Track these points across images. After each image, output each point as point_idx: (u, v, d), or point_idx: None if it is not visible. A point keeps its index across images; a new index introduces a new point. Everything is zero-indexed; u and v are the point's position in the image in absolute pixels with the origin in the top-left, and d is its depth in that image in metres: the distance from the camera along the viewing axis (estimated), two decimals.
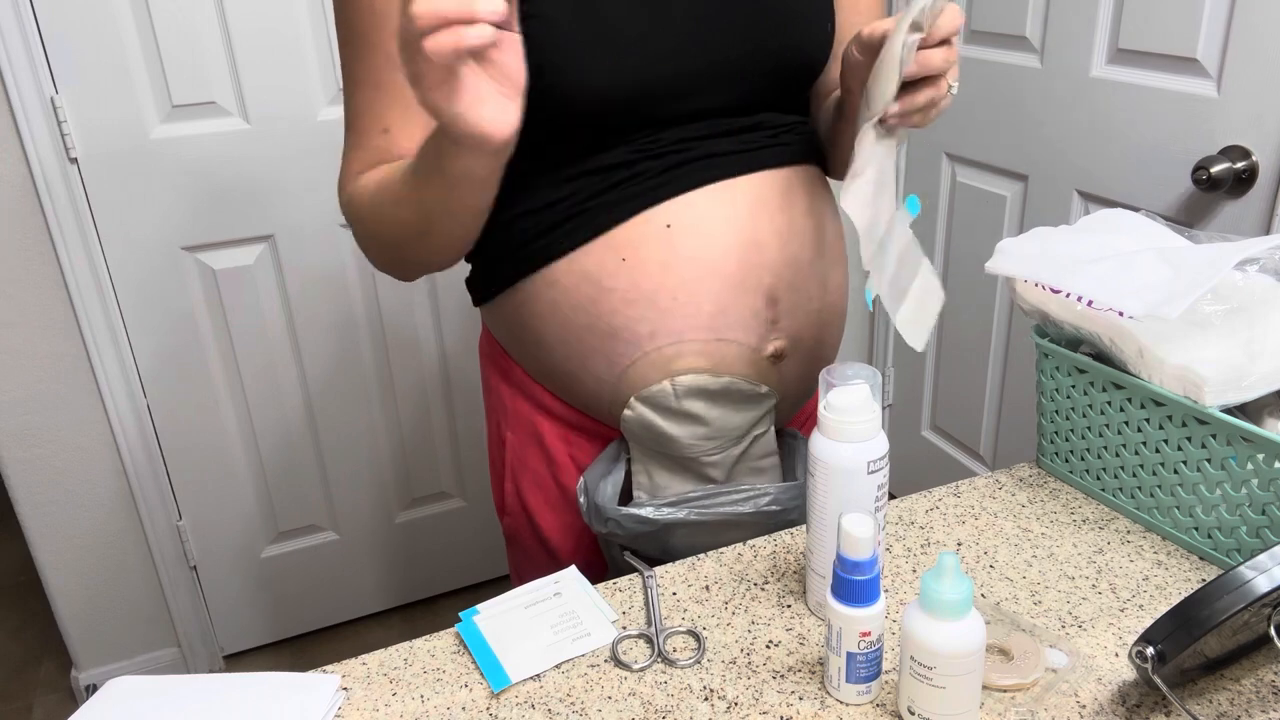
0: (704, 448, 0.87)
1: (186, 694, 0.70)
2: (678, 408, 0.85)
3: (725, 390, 0.85)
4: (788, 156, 0.87)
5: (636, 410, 0.86)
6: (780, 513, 0.88)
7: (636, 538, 0.87)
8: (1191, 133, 1.45)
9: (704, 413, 0.85)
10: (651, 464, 0.89)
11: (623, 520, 0.86)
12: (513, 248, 0.86)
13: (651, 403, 0.85)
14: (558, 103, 0.78)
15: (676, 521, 0.86)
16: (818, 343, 0.90)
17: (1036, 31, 1.70)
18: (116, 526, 1.80)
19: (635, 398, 0.85)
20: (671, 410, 0.85)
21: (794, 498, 0.88)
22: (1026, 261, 0.85)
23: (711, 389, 0.84)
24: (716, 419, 0.86)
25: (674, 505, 0.87)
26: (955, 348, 2.08)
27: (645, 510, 0.86)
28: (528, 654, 0.74)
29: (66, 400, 1.69)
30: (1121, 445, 0.85)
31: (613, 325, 0.83)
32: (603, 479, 0.90)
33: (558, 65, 0.77)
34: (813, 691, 0.69)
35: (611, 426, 0.90)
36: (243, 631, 2.01)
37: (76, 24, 1.52)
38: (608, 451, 0.92)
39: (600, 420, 0.91)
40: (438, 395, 1.99)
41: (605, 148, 0.82)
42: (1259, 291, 0.81)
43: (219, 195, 1.69)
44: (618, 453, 0.92)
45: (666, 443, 0.87)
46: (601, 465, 0.91)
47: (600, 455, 0.92)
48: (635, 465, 0.90)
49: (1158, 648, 0.61)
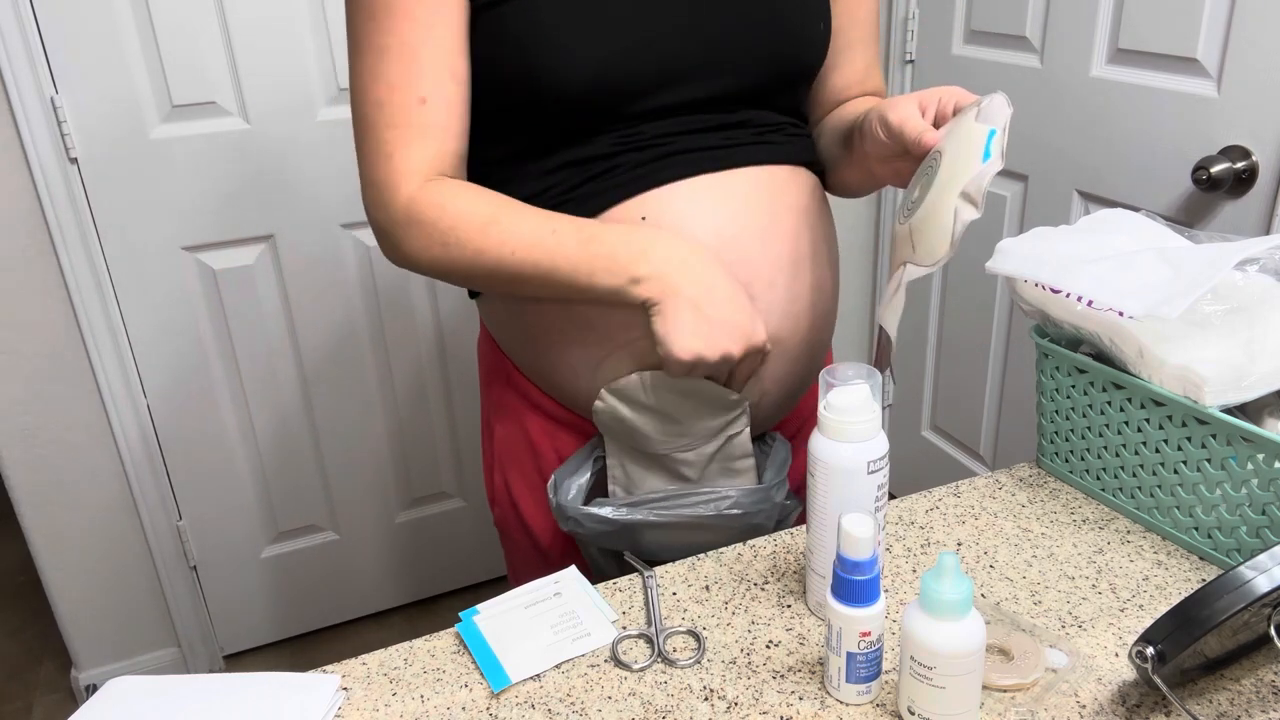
0: (675, 444, 0.87)
1: (186, 694, 0.70)
2: (646, 401, 0.84)
3: (695, 390, 0.83)
4: (773, 156, 0.86)
5: (607, 402, 0.85)
6: (743, 516, 0.86)
7: (599, 536, 0.86)
8: (1191, 133, 1.45)
9: (673, 409, 0.85)
10: (626, 459, 0.89)
11: (583, 519, 0.85)
12: None
13: (621, 395, 0.85)
14: (545, 84, 0.78)
15: (635, 523, 0.85)
16: (800, 344, 0.89)
17: (1036, 31, 1.70)
18: (116, 526, 1.80)
19: (605, 389, 0.85)
20: (641, 404, 0.85)
21: (757, 501, 0.86)
22: (1026, 261, 0.85)
23: (681, 386, 0.83)
24: (687, 416, 0.85)
25: (634, 506, 0.86)
26: (955, 348, 2.08)
27: (604, 510, 0.85)
28: (528, 654, 0.74)
29: (66, 400, 1.69)
30: (1121, 445, 0.85)
31: (588, 317, 0.84)
32: (569, 477, 0.90)
33: (545, 46, 0.78)
34: (813, 691, 0.69)
35: (590, 421, 0.90)
36: (243, 631, 2.01)
37: (76, 24, 1.52)
38: (580, 452, 0.92)
39: (580, 414, 0.91)
40: (438, 395, 1.99)
41: (588, 140, 0.82)
42: (1259, 291, 0.81)
43: (219, 195, 1.69)
44: (590, 451, 0.91)
45: (638, 438, 0.87)
46: (572, 463, 0.91)
47: (575, 453, 0.92)
48: (610, 460, 0.90)
49: (1158, 648, 0.61)
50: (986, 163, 0.70)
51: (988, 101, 0.74)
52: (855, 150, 0.89)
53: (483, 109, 0.84)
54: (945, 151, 0.74)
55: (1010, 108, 0.73)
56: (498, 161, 0.86)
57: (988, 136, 0.71)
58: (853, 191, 0.98)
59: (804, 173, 0.90)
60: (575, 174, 0.83)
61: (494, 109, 0.83)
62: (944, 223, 0.72)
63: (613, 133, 0.82)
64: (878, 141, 0.82)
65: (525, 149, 0.84)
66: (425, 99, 0.80)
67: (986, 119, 0.73)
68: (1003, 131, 0.71)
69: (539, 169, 0.84)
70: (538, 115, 0.81)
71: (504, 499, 0.99)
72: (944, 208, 0.72)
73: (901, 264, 0.77)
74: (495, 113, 0.84)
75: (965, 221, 0.71)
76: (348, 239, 1.80)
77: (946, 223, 0.71)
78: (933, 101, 0.79)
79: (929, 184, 0.74)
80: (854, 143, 0.89)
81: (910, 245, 0.76)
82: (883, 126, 0.80)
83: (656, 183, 0.82)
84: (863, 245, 2.27)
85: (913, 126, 0.77)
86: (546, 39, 0.78)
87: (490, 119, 0.84)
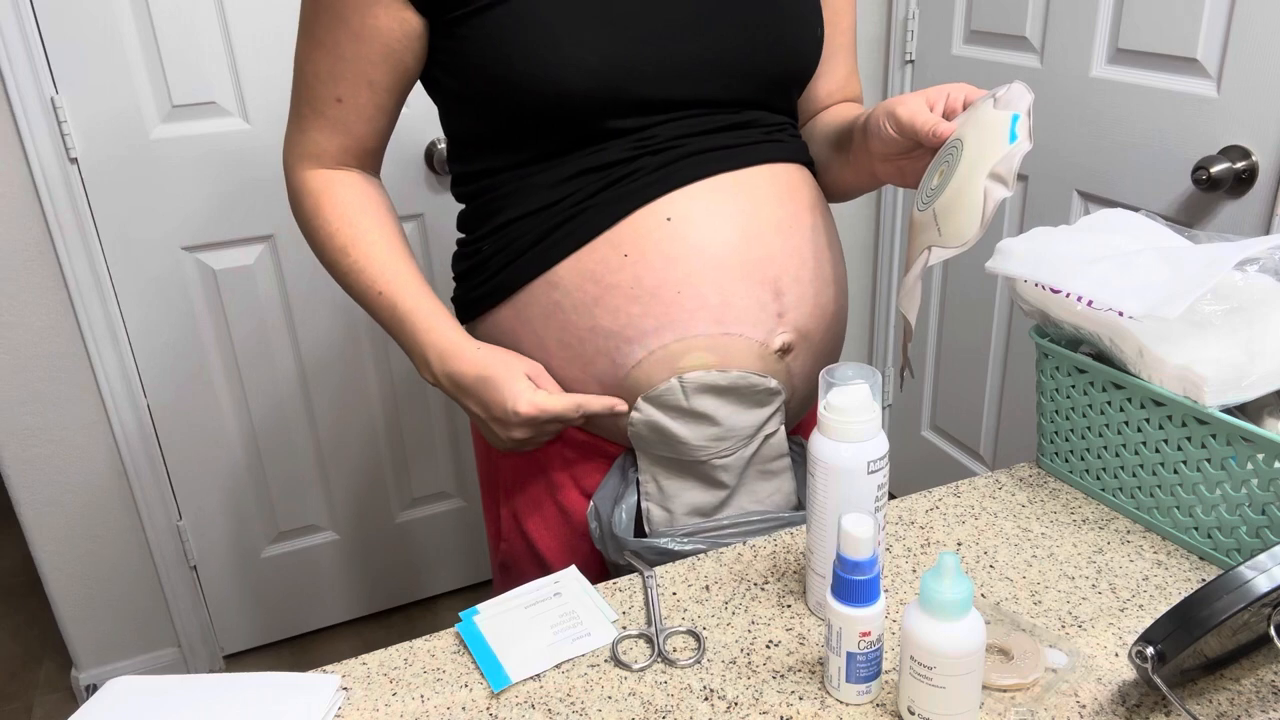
0: (714, 449, 0.86)
1: (186, 694, 0.70)
2: (687, 406, 0.84)
3: (734, 386, 0.83)
4: (783, 153, 0.87)
5: (644, 412, 0.84)
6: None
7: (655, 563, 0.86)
8: (1191, 133, 1.45)
9: (714, 411, 0.84)
10: (659, 470, 0.88)
11: (644, 552, 0.85)
12: (511, 255, 0.86)
13: (659, 403, 0.84)
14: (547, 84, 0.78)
15: (697, 552, 0.86)
16: (824, 338, 0.90)
17: (1036, 31, 1.70)
18: (116, 526, 1.80)
19: (642, 398, 0.84)
20: (680, 409, 0.84)
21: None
22: (1026, 261, 0.85)
23: (720, 384, 0.83)
24: (726, 417, 0.85)
25: (692, 535, 0.87)
26: (955, 348, 2.08)
27: (664, 541, 0.86)
28: (528, 654, 0.74)
29: (66, 400, 1.69)
30: (1121, 445, 0.85)
31: (616, 324, 0.82)
32: (615, 504, 0.88)
33: (547, 46, 0.78)
34: (813, 691, 0.69)
35: (614, 441, 0.89)
36: (243, 631, 2.01)
37: (76, 24, 1.52)
38: (614, 471, 0.90)
39: (602, 434, 0.89)
40: (438, 395, 1.98)
41: (602, 146, 0.82)
42: (1259, 291, 0.81)
43: (219, 195, 1.69)
44: (625, 473, 0.90)
45: (676, 446, 0.86)
46: (610, 487, 0.89)
47: (607, 476, 0.90)
48: (642, 474, 0.88)
49: (1158, 648, 0.61)
50: (1015, 144, 0.70)
51: (1004, 90, 0.75)
52: (854, 151, 0.89)
53: (490, 117, 0.84)
54: (966, 139, 0.74)
55: (1031, 94, 0.73)
56: (510, 170, 0.86)
57: (1012, 120, 0.72)
58: (840, 194, 0.98)
59: (808, 171, 0.90)
60: (593, 180, 0.82)
61: (501, 116, 0.83)
62: (974, 202, 0.72)
63: (626, 138, 0.82)
64: (885, 139, 0.81)
65: (537, 157, 0.84)
66: (341, 99, 0.85)
67: (1006, 106, 0.73)
68: (1026, 114, 0.72)
69: (554, 177, 0.83)
70: (544, 118, 0.81)
71: (512, 533, 0.96)
72: (973, 188, 0.72)
73: (926, 249, 0.76)
74: (503, 120, 0.83)
75: (997, 200, 0.71)
76: None
77: (976, 202, 0.71)
78: (941, 97, 0.79)
79: (951, 170, 0.74)
80: (851, 144, 0.89)
81: (935, 229, 0.75)
82: (891, 123, 0.80)
83: (677, 184, 0.82)
84: (863, 245, 2.27)
85: (924, 120, 0.77)
86: (548, 38, 0.78)
87: (499, 127, 0.84)
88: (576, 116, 0.80)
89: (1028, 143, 0.70)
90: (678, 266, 0.81)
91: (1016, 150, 0.70)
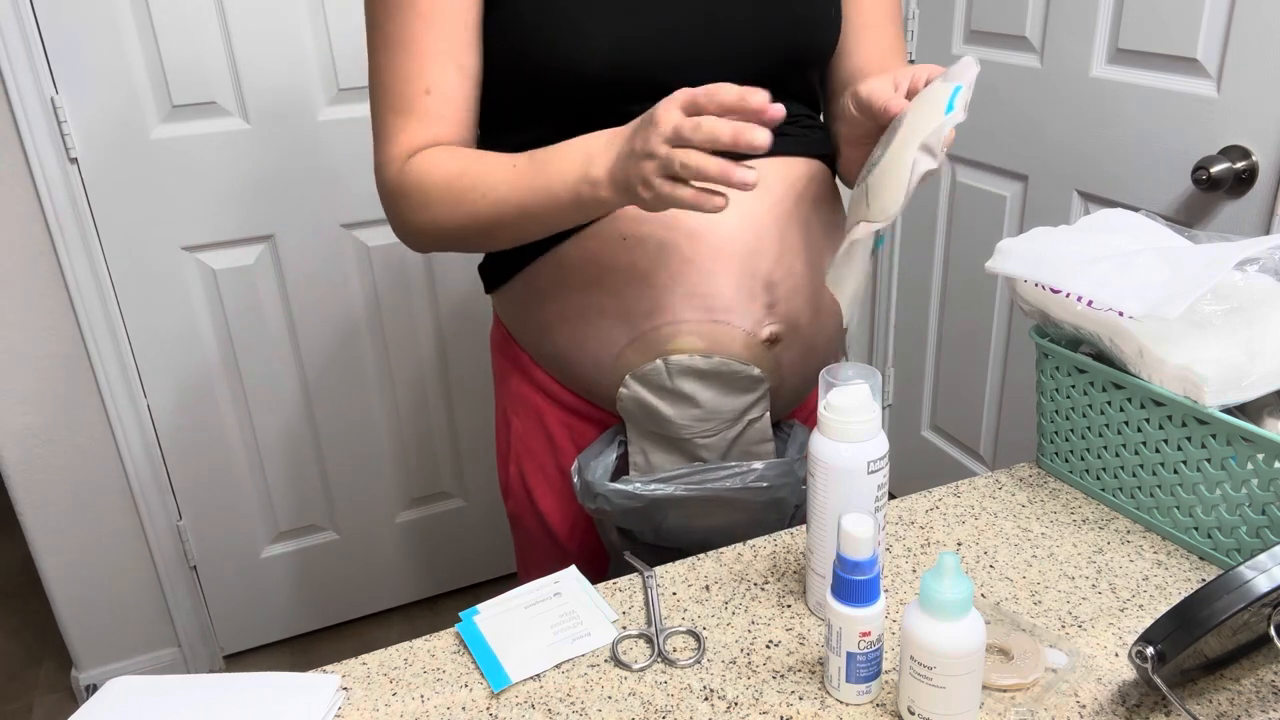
0: (697, 429, 0.88)
1: (186, 694, 0.70)
2: (671, 386, 0.86)
3: (716, 370, 0.85)
4: (795, 147, 0.88)
5: (631, 388, 0.87)
6: (768, 489, 0.88)
7: (626, 514, 0.88)
8: (1191, 133, 1.45)
9: (696, 393, 0.87)
10: (647, 444, 0.91)
11: (611, 495, 0.87)
12: None
13: (645, 381, 0.87)
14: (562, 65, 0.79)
15: (664, 497, 0.87)
16: (816, 332, 0.90)
17: (1036, 31, 1.70)
18: (116, 526, 1.80)
19: (630, 376, 0.87)
20: (665, 389, 0.87)
21: (782, 474, 0.88)
22: (1026, 261, 0.85)
23: (702, 369, 0.85)
24: (708, 400, 0.87)
25: (662, 481, 0.88)
26: (955, 347, 2.08)
27: (633, 485, 0.87)
28: (528, 654, 0.74)
29: (66, 400, 1.69)
30: (1121, 445, 0.85)
31: (613, 305, 0.85)
32: (595, 459, 0.92)
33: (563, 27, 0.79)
34: (813, 691, 0.69)
35: (610, 412, 0.92)
36: (243, 631, 2.01)
37: (76, 24, 1.52)
38: (604, 436, 0.93)
39: (599, 404, 0.92)
40: (438, 395, 1.99)
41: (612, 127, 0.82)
42: (1259, 291, 0.81)
43: (219, 195, 1.69)
44: (613, 437, 0.93)
45: (661, 422, 0.88)
46: (595, 447, 0.93)
47: (596, 441, 0.94)
48: (632, 446, 0.91)
49: (1158, 648, 0.61)
50: (949, 115, 0.69)
51: (956, 65, 0.74)
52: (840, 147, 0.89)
53: (505, 97, 0.85)
54: (909, 112, 0.74)
55: (977, 66, 0.72)
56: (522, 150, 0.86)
57: (952, 92, 0.70)
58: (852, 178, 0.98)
59: (817, 165, 0.90)
60: None
61: (515, 96, 0.85)
62: (900, 176, 0.71)
63: None
64: (849, 119, 0.81)
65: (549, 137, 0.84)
66: (430, 89, 0.82)
67: (952, 79, 0.72)
68: (968, 87, 0.71)
69: None
70: (558, 100, 0.82)
71: (519, 490, 1.01)
72: (902, 161, 0.71)
73: (855, 225, 0.76)
74: (517, 100, 0.85)
75: (921, 172, 0.70)
76: (348, 239, 1.80)
77: (903, 175, 0.71)
78: (906, 76, 0.78)
79: (887, 144, 0.74)
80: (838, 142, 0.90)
81: (865, 203, 0.75)
82: (854, 102, 0.79)
83: None
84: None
85: (880, 95, 0.76)
86: (564, 20, 0.79)
87: (512, 107, 0.86)
88: (589, 99, 0.81)
89: (961, 114, 0.69)
90: (672, 253, 0.83)
91: (949, 121, 0.69)
